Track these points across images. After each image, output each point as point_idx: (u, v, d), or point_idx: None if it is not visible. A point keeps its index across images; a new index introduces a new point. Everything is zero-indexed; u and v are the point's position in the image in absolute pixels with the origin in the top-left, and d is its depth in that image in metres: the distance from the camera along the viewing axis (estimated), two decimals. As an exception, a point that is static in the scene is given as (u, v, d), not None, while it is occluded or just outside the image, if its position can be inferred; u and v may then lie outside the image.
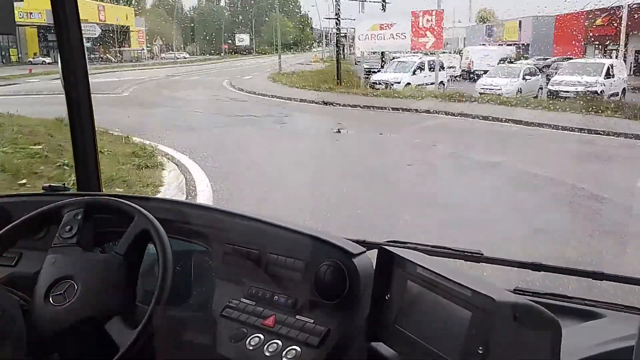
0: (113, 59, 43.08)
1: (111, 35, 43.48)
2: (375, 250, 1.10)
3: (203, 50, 53.20)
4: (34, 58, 35.26)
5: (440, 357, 0.91)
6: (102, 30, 43.06)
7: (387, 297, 1.06)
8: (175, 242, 1.24)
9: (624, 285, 1.16)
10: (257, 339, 1.15)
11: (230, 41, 50.89)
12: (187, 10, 55.73)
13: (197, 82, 23.19)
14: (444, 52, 19.82)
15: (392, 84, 17.10)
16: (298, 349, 1.10)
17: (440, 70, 17.88)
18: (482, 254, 1.25)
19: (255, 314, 1.20)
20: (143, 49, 45.12)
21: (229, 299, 1.25)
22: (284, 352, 1.11)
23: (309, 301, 1.16)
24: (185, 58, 47.08)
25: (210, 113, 13.84)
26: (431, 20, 16.80)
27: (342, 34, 21.60)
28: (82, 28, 1.71)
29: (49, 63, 37.73)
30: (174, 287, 1.14)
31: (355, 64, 22.71)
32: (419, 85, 17.13)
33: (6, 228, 1.25)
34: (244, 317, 1.20)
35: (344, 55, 23.18)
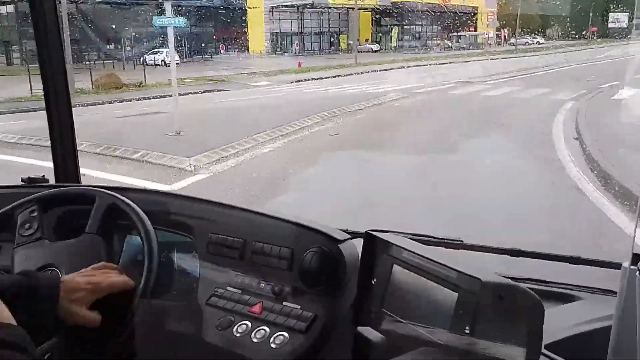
0: (451, 45, 38.37)
1: (453, 17, 38.86)
2: (359, 240, 1.15)
3: (564, 34, 43.24)
4: (361, 45, 33.04)
5: (427, 338, 0.94)
6: (443, 12, 38.95)
7: (373, 282, 1.09)
8: (159, 234, 1.25)
9: (600, 269, 1.19)
10: (244, 326, 1.17)
11: (604, 22, 39.83)
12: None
13: (465, 115, 11.61)
14: None
15: None
16: (286, 334, 1.13)
17: None
18: (462, 241, 1.29)
19: (241, 302, 1.22)
20: (484, 33, 38.66)
21: (215, 288, 1.27)
22: (272, 339, 1.13)
23: (295, 288, 1.19)
24: (539, 44, 38.59)
25: None
26: None
27: None
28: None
29: (375, 51, 35.30)
30: (158, 278, 1.17)
31: None
32: None
33: None
34: (231, 305, 1.22)
35: None
